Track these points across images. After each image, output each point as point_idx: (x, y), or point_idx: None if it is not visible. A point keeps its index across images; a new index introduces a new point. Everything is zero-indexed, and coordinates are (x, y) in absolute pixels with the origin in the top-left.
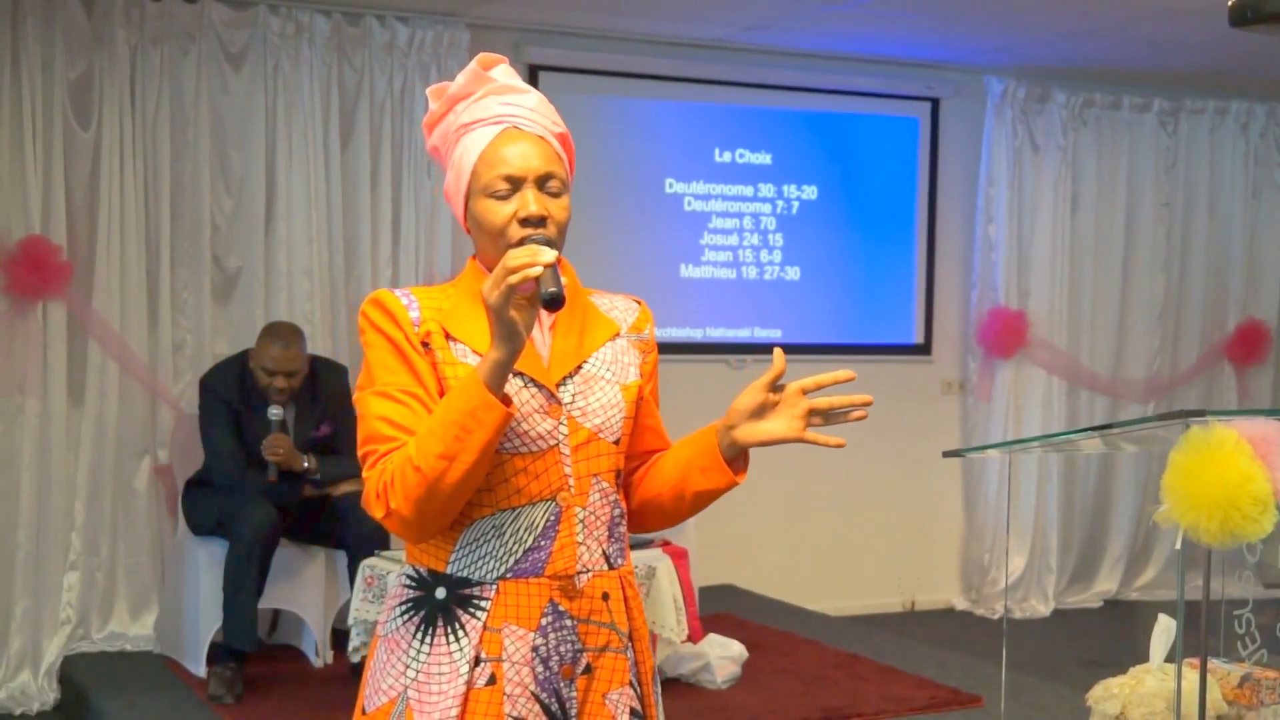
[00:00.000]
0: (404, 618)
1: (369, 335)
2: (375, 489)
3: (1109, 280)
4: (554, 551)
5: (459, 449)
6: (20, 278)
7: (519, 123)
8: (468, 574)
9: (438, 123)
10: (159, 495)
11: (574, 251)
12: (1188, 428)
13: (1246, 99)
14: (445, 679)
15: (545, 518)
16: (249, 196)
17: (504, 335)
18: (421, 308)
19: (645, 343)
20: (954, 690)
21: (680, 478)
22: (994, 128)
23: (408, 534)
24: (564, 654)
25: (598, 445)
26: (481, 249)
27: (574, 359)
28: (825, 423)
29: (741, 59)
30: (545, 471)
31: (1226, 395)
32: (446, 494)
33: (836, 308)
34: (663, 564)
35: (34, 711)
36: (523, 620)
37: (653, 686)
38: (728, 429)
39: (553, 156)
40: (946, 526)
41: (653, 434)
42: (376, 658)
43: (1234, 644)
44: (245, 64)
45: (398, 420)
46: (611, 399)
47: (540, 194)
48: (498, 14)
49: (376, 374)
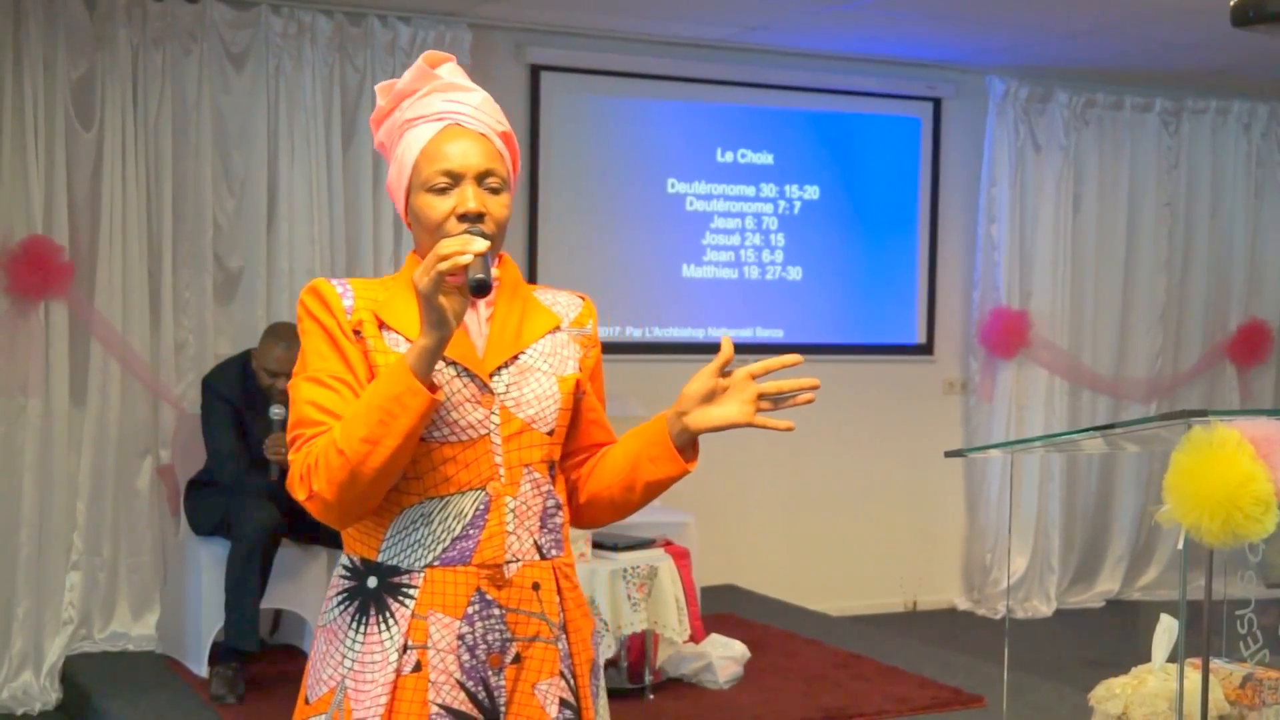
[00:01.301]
0: (340, 607)
1: (305, 323)
2: (299, 472)
3: (1111, 280)
4: (482, 540)
5: (383, 433)
6: (22, 277)
7: (462, 120)
8: (397, 562)
9: (385, 119)
10: (161, 495)
11: (575, 251)
12: (1190, 428)
13: (1249, 99)
14: (377, 667)
15: (474, 507)
16: (251, 196)
17: (433, 322)
18: (356, 297)
19: (587, 337)
20: (956, 690)
21: (630, 469)
22: (996, 128)
23: (330, 518)
24: (491, 643)
25: (531, 435)
26: (421, 243)
27: (510, 350)
28: (774, 407)
29: (743, 59)
30: (475, 460)
31: (1228, 395)
32: (369, 478)
33: (838, 308)
34: (664, 564)
35: (36, 711)
36: (448, 608)
37: (590, 679)
38: (678, 416)
39: (493, 154)
40: (948, 526)
41: (598, 428)
42: (316, 648)
43: (1236, 644)
44: (247, 64)
45: (326, 405)
46: (547, 390)
47: (479, 190)
48: (499, 14)
49: (310, 360)
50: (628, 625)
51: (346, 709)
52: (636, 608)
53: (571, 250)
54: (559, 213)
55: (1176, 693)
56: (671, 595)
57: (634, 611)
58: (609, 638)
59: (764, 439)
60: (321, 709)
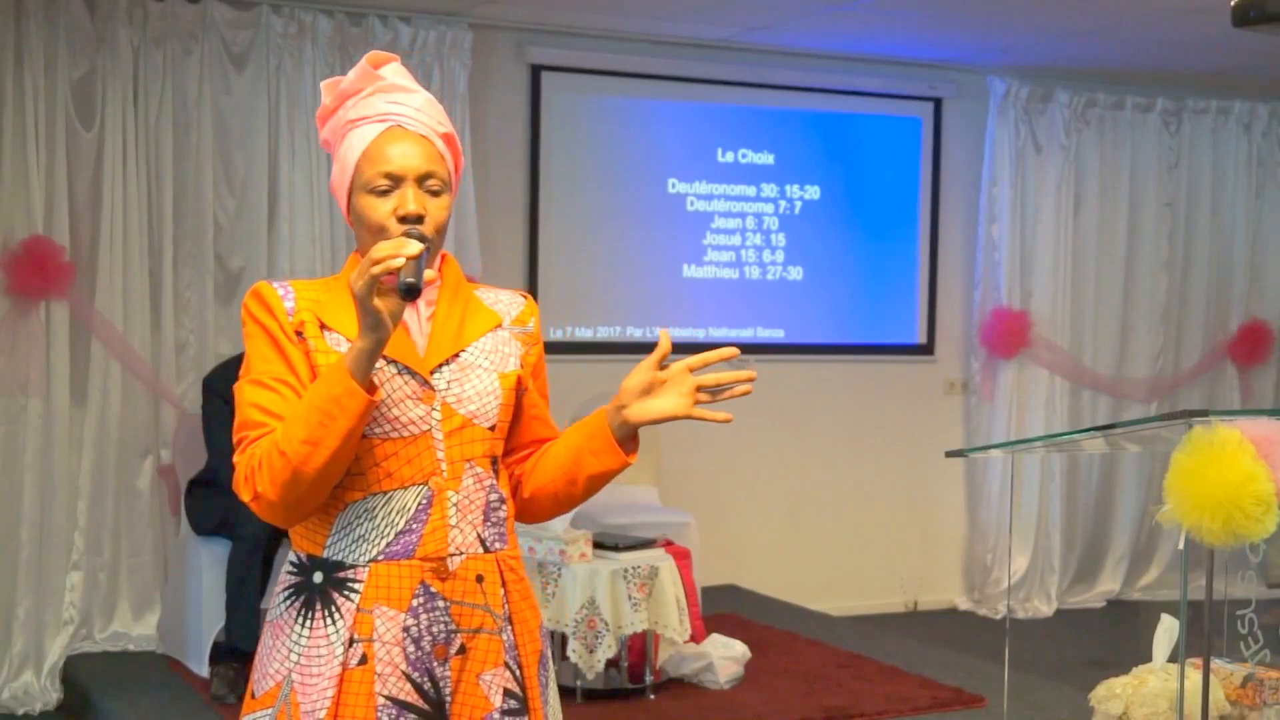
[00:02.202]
0: (287, 602)
1: (248, 326)
2: (244, 473)
3: (1112, 280)
4: (425, 534)
5: (323, 434)
6: (23, 278)
7: (403, 121)
8: (342, 557)
9: (329, 117)
10: (162, 495)
11: (576, 251)
12: (1190, 428)
13: (1249, 99)
14: (323, 661)
15: (417, 501)
16: (252, 196)
17: (369, 325)
18: (297, 298)
19: (529, 335)
20: (957, 690)
21: (573, 462)
22: (997, 128)
23: (275, 518)
24: (436, 634)
25: (472, 431)
26: (362, 243)
27: (451, 347)
28: (713, 399)
29: (744, 59)
30: (417, 456)
31: (1229, 395)
32: (310, 478)
33: (839, 308)
34: (665, 564)
35: (37, 711)
36: (393, 601)
37: (538, 670)
38: (618, 409)
39: (434, 156)
40: (949, 526)
41: (540, 424)
42: (264, 643)
43: (1237, 644)
44: (248, 64)
45: (268, 407)
46: (488, 386)
47: (420, 192)
48: (500, 14)
49: (253, 363)
50: (628, 625)
51: (293, 702)
52: (637, 608)
53: (572, 250)
54: (559, 213)
55: (1177, 693)
56: (672, 595)
57: (635, 611)
58: (609, 637)
59: (765, 440)
60: (269, 703)
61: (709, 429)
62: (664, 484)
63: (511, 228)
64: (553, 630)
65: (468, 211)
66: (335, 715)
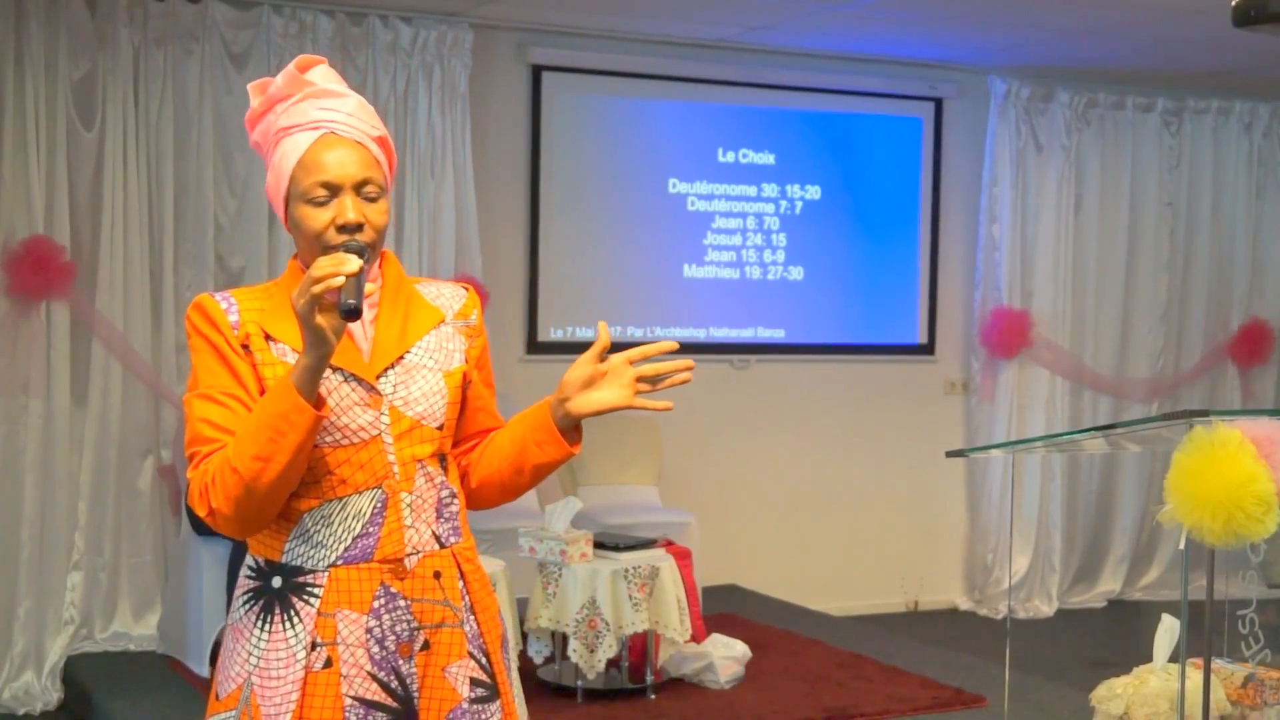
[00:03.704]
0: (246, 607)
1: (193, 340)
2: (198, 489)
3: (1112, 280)
4: (382, 537)
5: (273, 450)
6: (24, 278)
7: (336, 128)
8: (300, 563)
9: (258, 121)
10: (162, 495)
11: (576, 251)
12: (1191, 428)
13: (1250, 99)
14: (284, 664)
15: (372, 505)
16: (252, 197)
17: (313, 341)
18: (241, 310)
19: (472, 328)
20: (957, 690)
21: (518, 453)
22: (997, 128)
23: (231, 531)
24: (400, 633)
25: (421, 432)
26: (301, 251)
27: (395, 350)
28: (653, 389)
29: (744, 59)
30: (369, 461)
31: (1230, 395)
32: (263, 493)
33: (839, 308)
34: (666, 564)
35: (37, 711)
36: (355, 604)
37: (502, 654)
38: (560, 402)
39: (370, 161)
40: (950, 526)
41: (485, 414)
42: (225, 646)
43: (1237, 644)
44: (249, 64)
45: (218, 422)
46: (434, 386)
47: (358, 200)
48: (501, 14)
49: (200, 377)
50: (629, 625)
51: (253, 705)
52: (638, 608)
53: (572, 250)
54: (560, 213)
55: (1178, 693)
56: (673, 595)
57: (635, 611)
58: (610, 637)
59: (765, 440)
60: (230, 705)
61: (710, 429)
62: (665, 484)
63: (512, 228)
64: (553, 630)
65: (468, 211)
66: (300, 718)
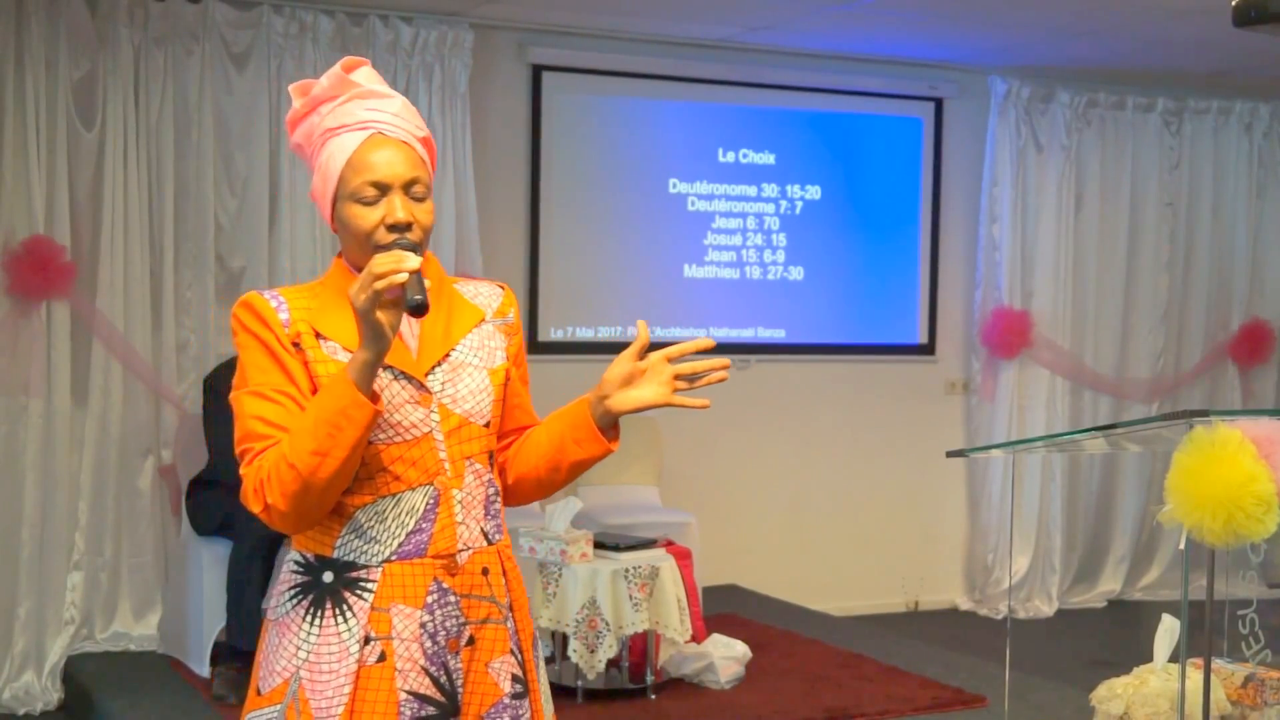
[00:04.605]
0: (293, 602)
1: (241, 337)
2: (252, 485)
3: (1113, 280)
4: (435, 533)
5: (331, 445)
6: (24, 278)
7: (384, 129)
8: (354, 558)
9: (300, 121)
10: (163, 495)
11: (577, 251)
12: (1191, 428)
13: (1250, 99)
14: (335, 658)
15: (425, 501)
16: (252, 197)
17: (371, 337)
18: (291, 308)
19: (510, 326)
20: (957, 690)
21: (556, 450)
22: (998, 128)
23: (285, 527)
24: (449, 628)
25: (469, 429)
26: (348, 250)
27: (442, 348)
28: (690, 386)
29: (745, 59)
30: (421, 458)
31: (1230, 395)
32: (320, 488)
33: (840, 308)
34: (666, 564)
35: (38, 711)
36: (409, 599)
37: (533, 653)
38: (600, 399)
39: (417, 161)
40: (950, 526)
41: (521, 412)
42: (268, 641)
43: (1238, 644)
44: (249, 64)
45: (271, 419)
46: (480, 384)
47: (406, 199)
48: (501, 14)
49: (250, 374)
50: (629, 625)
51: (302, 699)
52: (638, 608)
53: (573, 250)
54: (560, 213)
55: (1178, 693)
56: (673, 595)
57: (636, 612)
58: (610, 637)
59: (766, 440)
60: (275, 699)
61: (710, 429)
62: (665, 484)
63: (512, 228)
64: (554, 630)
65: (468, 211)
66: (352, 711)
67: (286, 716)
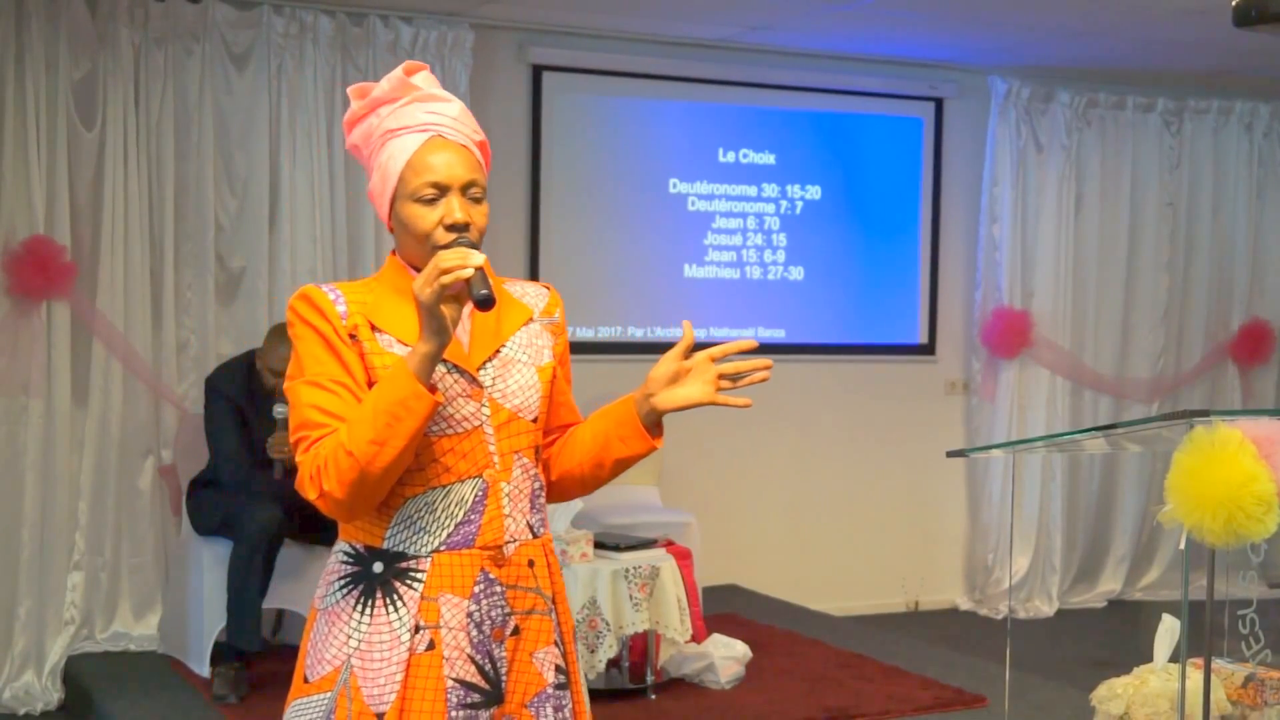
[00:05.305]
0: (343, 591)
1: (298, 329)
2: (309, 472)
3: (1113, 280)
4: (483, 524)
5: (389, 435)
6: (24, 278)
7: (444, 131)
8: (403, 548)
9: (359, 122)
10: (163, 495)
11: (577, 251)
12: (1192, 428)
13: (1251, 99)
14: (387, 646)
15: (474, 493)
16: (253, 196)
17: (433, 329)
18: (348, 302)
19: (556, 325)
20: (958, 690)
21: (600, 447)
22: (998, 128)
23: (340, 514)
24: (495, 618)
25: (518, 424)
26: (405, 248)
27: (493, 344)
28: (734, 386)
29: (745, 59)
30: (472, 451)
31: (1230, 395)
32: (377, 477)
33: (840, 308)
34: (666, 564)
35: (38, 711)
36: (457, 589)
37: (573, 644)
38: (646, 397)
39: (474, 165)
40: (950, 526)
41: (566, 409)
42: (316, 630)
43: (1238, 644)
44: (249, 64)
45: (328, 408)
46: (529, 380)
47: (464, 200)
48: (501, 14)
49: (307, 365)
50: (630, 625)
51: (354, 687)
52: (638, 608)
53: (573, 250)
54: (561, 213)
55: (1178, 693)
56: (673, 595)
57: (636, 612)
58: (610, 637)
59: (766, 440)
60: (325, 687)
61: (710, 429)
62: (665, 484)
63: (512, 228)
64: None
65: None
66: (403, 698)
67: (338, 704)
